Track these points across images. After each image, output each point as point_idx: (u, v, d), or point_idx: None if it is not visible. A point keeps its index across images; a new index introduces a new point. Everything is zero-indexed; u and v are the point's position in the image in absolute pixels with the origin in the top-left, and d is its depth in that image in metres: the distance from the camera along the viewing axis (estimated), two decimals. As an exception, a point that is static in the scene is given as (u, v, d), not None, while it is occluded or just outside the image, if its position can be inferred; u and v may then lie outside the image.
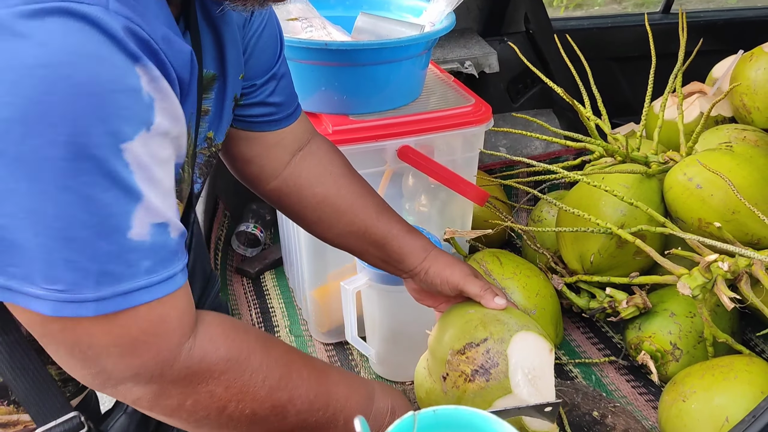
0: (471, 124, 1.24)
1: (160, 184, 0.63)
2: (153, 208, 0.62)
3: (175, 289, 0.65)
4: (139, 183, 0.60)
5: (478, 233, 1.26)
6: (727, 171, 1.13)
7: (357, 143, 1.18)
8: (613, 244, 1.25)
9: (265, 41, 0.92)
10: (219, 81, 0.85)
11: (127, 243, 0.60)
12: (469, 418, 0.47)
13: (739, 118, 1.46)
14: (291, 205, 1.04)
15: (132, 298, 0.62)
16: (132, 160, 0.59)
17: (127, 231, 0.60)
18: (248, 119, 0.95)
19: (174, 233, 0.65)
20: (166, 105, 0.62)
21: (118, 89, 0.57)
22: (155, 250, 0.63)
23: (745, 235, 1.13)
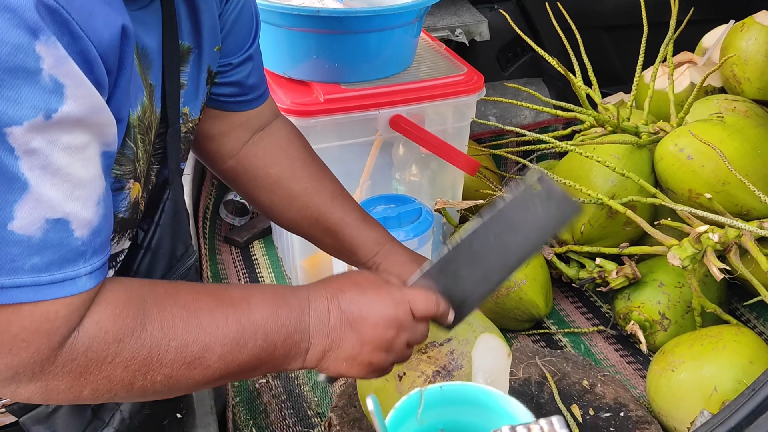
0: (463, 93, 1.22)
1: (64, 174, 0.57)
2: (46, 200, 0.56)
3: (75, 293, 0.59)
4: (26, 171, 0.54)
5: (469, 204, 1.26)
6: (718, 142, 1.14)
7: (348, 112, 1.17)
8: (603, 214, 1.25)
9: (244, 18, 0.90)
10: (194, 53, 0.82)
11: (7, 234, 0.55)
12: (475, 393, 0.47)
13: (729, 88, 1.46)
14: (244, 186, 0.99)
15: (10, 294, 0.56)
16: (20, 146, 0.53)
17: (7, 222, 0.54)
18: (220, 98, 0.93)
19: (80, 231, 0.59)
20: (81, 92, 0.57)
21: (5, 67, 0.52)
22: (49, 248, 0.57)
23: (735, 206, 1.14)
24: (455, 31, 1.58)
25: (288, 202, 0.98)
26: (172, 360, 0.66)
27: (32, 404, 0.80)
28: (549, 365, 1.14)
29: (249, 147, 0.98)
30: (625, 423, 1.01)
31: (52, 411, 0.82)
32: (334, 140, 1.21)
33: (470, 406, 0.48)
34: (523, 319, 1.27)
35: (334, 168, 1.18)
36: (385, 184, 1.34)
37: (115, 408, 0.85)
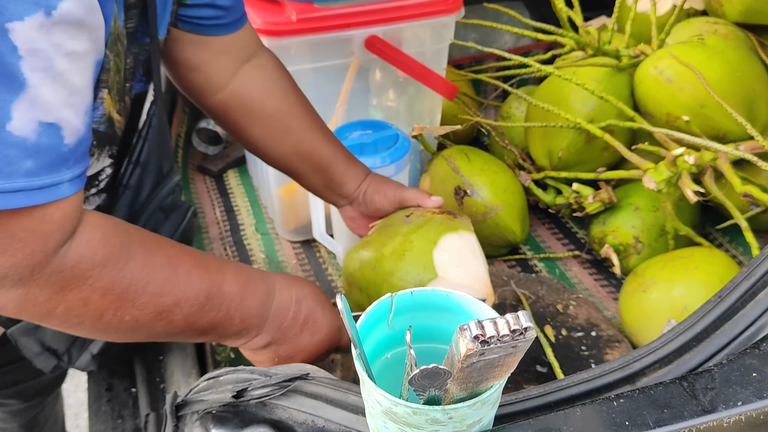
0: (441, 13, 1.19)
1: (63, 79, 0.57)
2: (42, 103, 0.56)
3: (58, 198, 0.59)
4: (27, 71, 0.54)
5: (446, 129, 1.24)
6: (697, 64, 1.12)
7: (322, 32, 1.13)
8: (581, 139, 1.24)
9: None
10: None
11: (5, 135, 0.54)
12: (444, 298, 0.47)
13: (711, 11, 1.43)
14: (236, 118, 0.99)
15: (7, 198, 0.56)
16: (22, 44, 0.53)
17: (5, 121, 0.54)
18: (195, 20, 0.90)
19: (69, 138, 0.59)
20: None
21: None
22: (40, 152, 0.57)
23: (712, 129, 1.14)
24: (434, -49, 1.53)
25: (283, 135, 0.99)
26: (144, 303, 0.68)
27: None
28: (523, 288, 1.15)
29: (240, 79, 0.97)
30: (596, 342, 1.03)
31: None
32: (308, 62, 1.17)
33: (440, 310, 0.48)
34: (500, 245, 1.27)
35: (309, 93, 1.16)
36: (361, 110, 1.32)
37: None
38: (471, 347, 0.38)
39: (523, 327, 0.38)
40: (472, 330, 0.38)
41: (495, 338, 0.38)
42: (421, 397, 0.45)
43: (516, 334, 0.38)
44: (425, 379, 0.42)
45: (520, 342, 0.39)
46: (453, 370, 0.41)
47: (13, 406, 1.22)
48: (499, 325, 0.38)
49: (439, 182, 1.27)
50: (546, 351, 1.01)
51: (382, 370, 0.52)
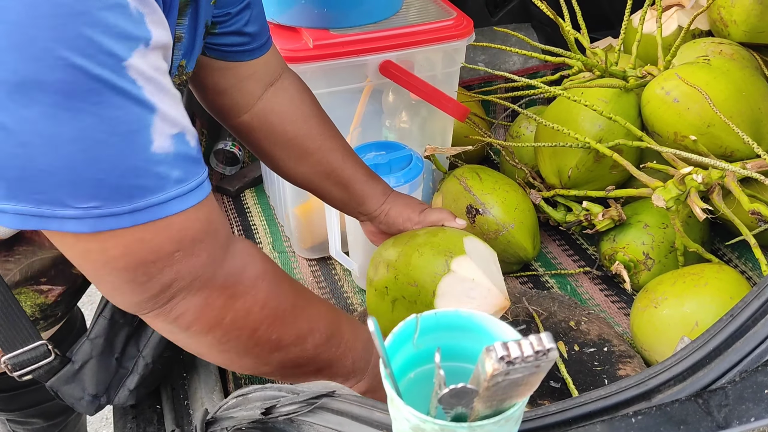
0: (453, 38, 1.22)
1: (170, 93, 0.63)
2: (169, 118, 0.62)
3: (206, 195, 0.66)
4: (150, 96, 0.60)
5: (458, 150, 1.27)
6: (704, 84, 1.15)
7: (338, 58, 1.17)
8: (590, 158, 1.27)
9: None
10: (192, 6, 0.83)
11: (153, 156, 0.60)
12: (468, 319, 0.49)
13: (716, 31, 1.46)
14: (259, 140, 1.04)
15: (165, 207, 0.62)
16: (137, 76, 0.58)
17: (149, 145, 0.60)
18: (223, 48, 0.94)
19: (192, 141, 0.65)
20: (156, 17, 0.61)
21: (106, 6, 0.55)
22: (180, 160, 0.63)
23: (719, 148, 1.16)
24: (443, -25, 1.57)
25: (303, 158, 1.04)
26: (289, 324, 0.74)
27: (57, 367, 0.86)
28: (535, 305, 1.18)
29: (264, 103, 1.01)
30: (608, 357, 1.05)
31: (78, 368, 0.88)
32: (323, 87, 1.21)
33: (463, 330, 0.51)
34: (511, 262, 1.30)
35: (324, 114, 1.18)
36: (375, 132, 1.35)
37: (137, 355, 0.92)
38: (497, 367, 0.41)
39: (546, 348, 0.41)
40: (498, 351, 0.41)
41: (519, 359, 0.41)
42: (448, 414, 0.48)
43: (539, 354, 0.41)
44: (454, 397, 0.45)
45: (543, 362, 0.41)
46: (479, 389, 0.44)
47: (36, 425, 1.25)
48: (523, 346, 0.41)
49: (451, 201, 1.30)
50: (559, 367, 1.03)
51: (406, 389, 0.55)
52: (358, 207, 1.08)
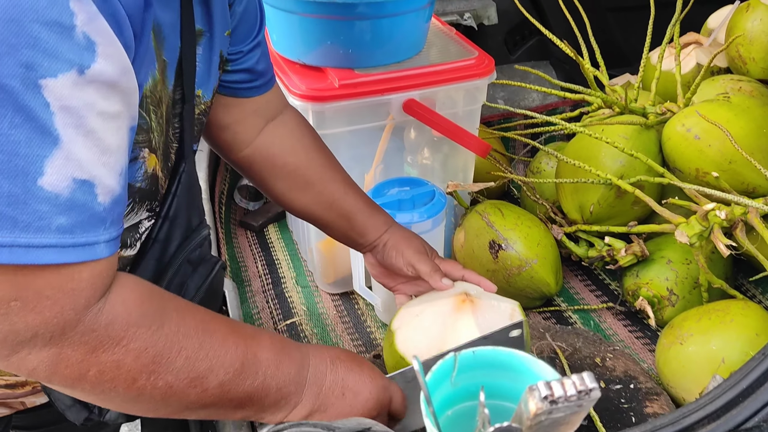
0: (474, 77, 1.25)
1: (96, 137, 0.58)
2: (76, 160, 0.56)
3: (93, 259, 0.59)
4: (60, 127, 0.55)
5: (480, 186, 1.29)
6: (724, 121, 1.16)
7: (362, 97, 1.19)
8: (612, 194, 1.28)
9: (251, 7, 0.94)
10: (206, 36, 0.86)
11: (36, 190, 0.55)
12: (506, 357, 0.50)
13: (735, 68, 1.48)
14: (261, 173, 1.05)
15: (36, 253, 0.56)
16: (54, 101, 0.54)
17: (37, 176, 0.54)
18: (232, 85, 0.97)
19: (103, 197, 0.59)
20: (111, 51, 0.58)
21: (41, 20, 0.53)
22: (74, 209, 0.57)
23: (741, 184, 1.17)
24: (464, 15, 1.61)
25: (304, 189, 1.05)
26: (178, 369, 0.67)
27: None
28: (560, 341, 1.18)
29: (264, 137, 1.03)
30: (635, 394, 1.05)
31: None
32: (347, 125, 1.23)
33: (502, 369, 0.51)
34: (534, 297, 1.30)
35: (348, 152, 1.21)
36: (397, 168, 1.37)
37: None
38: (540, 406, 0.42)
39: (589, 388, 0.41)
40: (542, 390, 0.42)
41: (563, 398, 0.41)
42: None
43: (582, 394, 0.42)
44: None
45: (585, 401, 0.42)
46: (522, 428, 0.45)
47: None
48: (566, 385, 0.42)
49: (473, 236, 1.31)
50: (586, 403, 1.03)
51: (445, 426, 0.55)
52: (359, 238, 1.07)
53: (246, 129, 1.02)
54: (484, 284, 1.03)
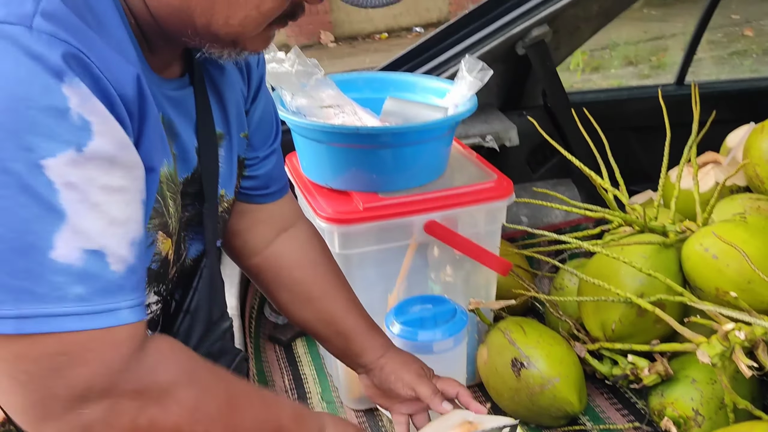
0: (493, 199, 1.30)
1: (101, 210, 0.62)
2: (83, 232, 0.60)
3: (118, 324, 0.63)
4: (65, 203, 0.59)
5: (502, 304, 1.31)
6: (741, 242, 1.18)
7: (386, 219, 1.25)
8: (633, 312, 1.29)
9: (267, 116, 1.03)
10: (226, 139, 0.94)
11: (50, 263, 0.59)
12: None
13: (753, 187, 1.51)
14: (268, 283, 1.10)
15: (58, 322, 0.59)
16: (57, 179, 0.59)
17: (48, 250, 0.59)
18: (248, 191, 1.04)
19: (116, 266, 0.63)
20: (107, 128, 0.63)
21: (36, 107, 0.58)
22: (88, 278, 0.61)
23: (761, 304, 1.17)
24: (486, 137, 1.69)
25: (306, 303, 1.10)
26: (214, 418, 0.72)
27: None
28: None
29: (275, 247, 1.09)
30: None
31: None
32: (372, 245, 1.29)
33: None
34: (558, 416, 1.29)
35: (372, 270, 1.26)
36: (421, 283, 1.41)
37: None
38: None
39: None
40: None
41: None
42: None
43: None
44: None
45: None
46: None
47: None
48: None
49: (495, 354, 1.33)
50: None
51: None
52: (356, 358, 1.10)
53: (256, 237, 1.08)
54: (473, 407, 1.04)
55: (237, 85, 0.96)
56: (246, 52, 0.79)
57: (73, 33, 0.61)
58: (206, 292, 0.96)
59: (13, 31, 0.58)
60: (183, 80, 0.85)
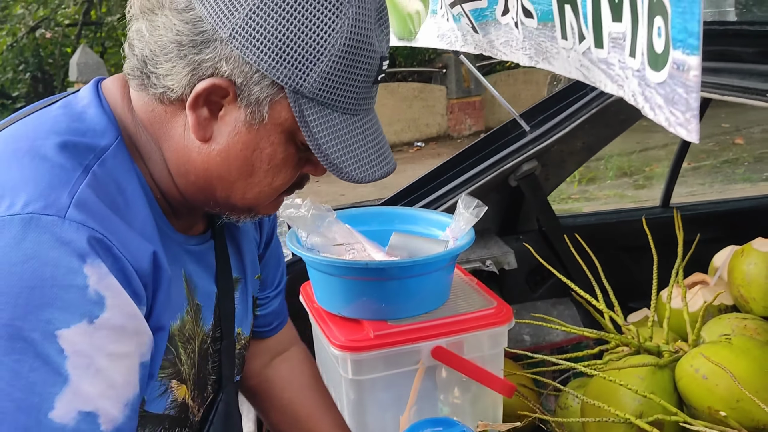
0: (495, 325, 1.39)
1: (103, 375, 0.71)
2: (83, 394, 0.68)
3: None
4: (70, 368, 0.68)
5: (508, 426, 1.38)
6: (727, 362, 1.26)
7: (395, 346, 1.34)
8: (634, 430, 1.35)
9: (274, 259, 1.16)
10: (242, 283, 1.05)
11: (47, 422, 0.66)
12: None
13: (740, 306, 1.60)
14: (261, 403, 1.20)
15: None
16: (67, 347, 0.68)
17: (48, 411, 0.67)
18: (257, 329, 1.15)
19: (106, 425, 0.70)
20: (119, 302, 0.73)
21: (59, 285, 0.68)
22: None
23: (751, 421, 1.24)
24: (486, 262, 1.80)
25: (296, 424, 1.18)
26: None
27: None
28: None
29: (269, 370, 1.20)
30: None
31: None
32: (382, 371, 1.37)
33: None
34: None
35: (383, 394, 1.34)
36: (431, 406, 1.48)
37: None
38: None
39: None
40: None
41: None
42: None
43: None
44: None
45: None
46: None
47: None
48: None
49: (505, 475, 1.38)
50: None
51: None
52: None
53: (255, 362, 1.18)
54: None
55: (251, 233, 1.09)
56: (260, 216, 0.93)
57: (99, 220, 0.74)
58: (221, 424, 1.04)
59: (49, 221, 0.70)
60: (205, 236, 0.98)
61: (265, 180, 0.85)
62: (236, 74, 0.79)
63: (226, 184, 0.85)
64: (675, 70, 0.81)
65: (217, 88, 0.80)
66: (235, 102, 0.81)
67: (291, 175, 0.87)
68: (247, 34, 0.77)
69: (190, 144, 0.84)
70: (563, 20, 1.16)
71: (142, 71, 0.83)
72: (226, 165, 0.83)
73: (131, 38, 0.83)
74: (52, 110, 0.83)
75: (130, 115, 0.84)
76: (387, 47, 0.86)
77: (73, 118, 0.80)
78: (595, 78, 1.12)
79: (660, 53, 0.84)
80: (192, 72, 0.79)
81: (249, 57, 0.78)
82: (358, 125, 0.84)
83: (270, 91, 0.80)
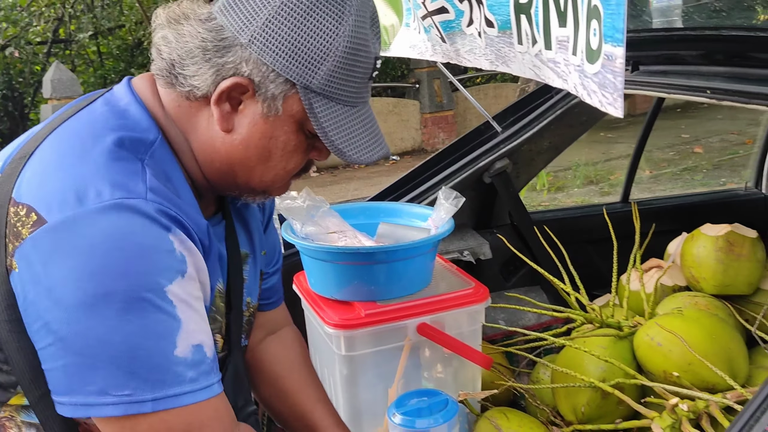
0: (473, 303, 1.54)
1: (197, 314, 0.88)
2: (191, 332, 0.85)
3: (215, 395, 0.88)
4: (180, 314, 0.85)
5: (486, 393, 1.53)
6: (680, 331, 1.43)
7: (384, 323, 1.48)
8: (598, 395, 1.51)
9: (273, 238, 1.30)
10: (251, 257, 1.19)
11: (174, 358, 0.84)
12: None
13: (692, 286, 1.77)
14: (254, 377, 1.32)
15: (180, 399, 0.83)
16: (174, 298, 0.85)
17: (173, 349, 0.84)
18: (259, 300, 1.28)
19: (209, 352, 0.88)
20: (194, 259, 0.90)
21: (158, 251, 0.85)
22: (195, 365, 0.85)
23: (702, 382, 1.40)
24: (463, 252, 1.95)
25: (283, 398, 1.30)
26: None
27: None
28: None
29: (262, 346, 1.32)
30: None
31: None
32: (373, 347, 1.50)
33: None
34: (542, 493, 1.47)
35: (374, 369, 1.48)
36: (416, 381, 1.62)
37: None
38: None
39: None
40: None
41: None
42: None
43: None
44: None
45: None
46: None
47: None
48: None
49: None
50: None
51: None
52: None
53: (250, 339, 1.29)
54: None
55: (257, 214, 1.23)
56: (272, 196, 1.07)
57: (168, 201, 0.90)
58: (231, 383, 1.17)
59: (136, 203, 0.86)
60: (218, 216, 1.12)
61: (280, 164, 0.99)
62: (254, 73, 0.93)
63: (247, 169, 0.99)
64: (606, 60, 0.98)
65: (238, 85, 0.94)
66: (253, 97, 0.95)
67: (301, 159, 1.01)
68: (264, 40, 0.91)
69: (214, 135, 0.97)
70: (519, 28, 1.33)
71: (170, 72, 0.96)
72: (246, 152, 0.97)
73: (158, 44, 0.97)
74: (96, 108, 0.95)
75: (162, 111, 0.98)
76: (379, 48, 1.01)
77: (118, 115, 0.94)
78: (545, 75, 1.29)
79: (595, 49, 1.02)
80: (216, 73, 0.93)
81: (266, 59, 0.92)
82: (357, 115, 0.99)
83: (284, 87, 0.94)
